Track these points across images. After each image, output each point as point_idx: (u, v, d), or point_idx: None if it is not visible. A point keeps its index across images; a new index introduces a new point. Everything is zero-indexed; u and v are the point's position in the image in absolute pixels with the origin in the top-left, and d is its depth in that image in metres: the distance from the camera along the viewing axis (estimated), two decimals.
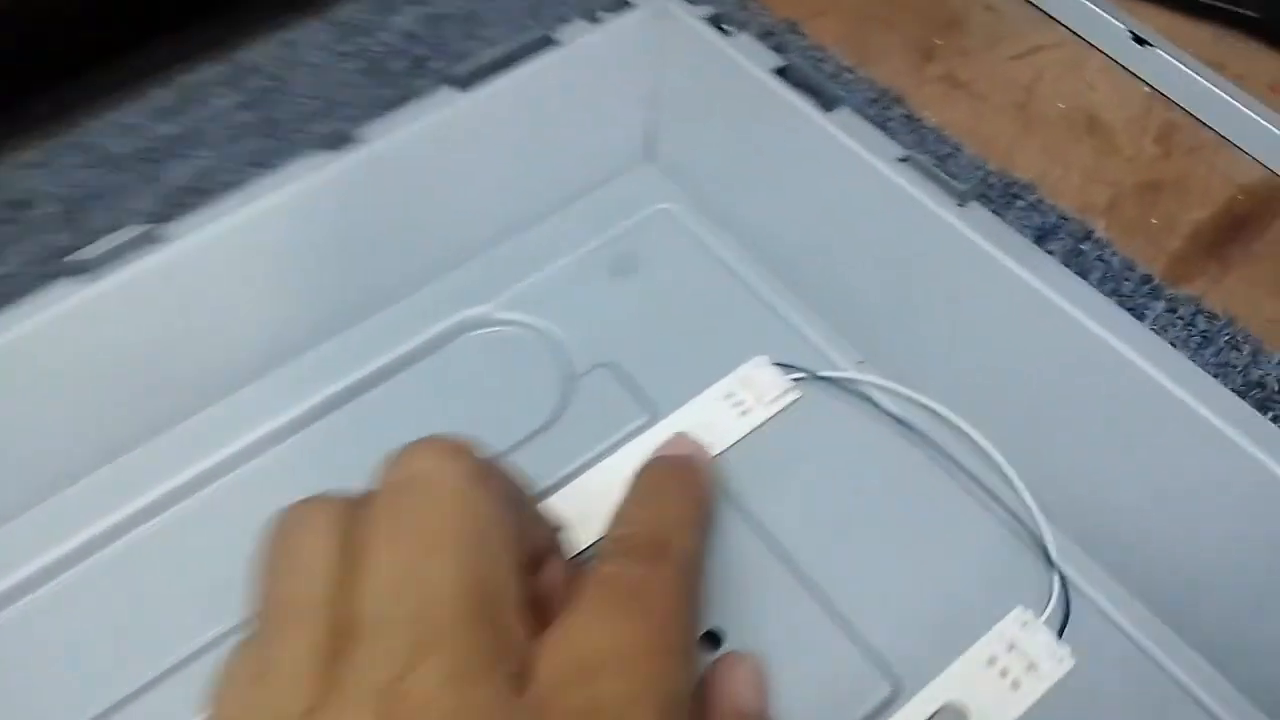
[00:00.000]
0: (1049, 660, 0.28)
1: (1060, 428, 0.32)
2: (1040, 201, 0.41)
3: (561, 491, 0.33)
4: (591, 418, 0.35)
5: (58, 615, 0.31)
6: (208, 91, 0.48)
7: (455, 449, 0.23)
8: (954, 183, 0.34)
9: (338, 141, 0.35)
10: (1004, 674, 0.28)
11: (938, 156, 0.42)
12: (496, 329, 0.38)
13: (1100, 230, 0.39)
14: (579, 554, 0.31)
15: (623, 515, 0.27)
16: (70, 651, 0.30)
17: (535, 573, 0.25)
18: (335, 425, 0.36)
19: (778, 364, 0.35)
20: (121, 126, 0.46)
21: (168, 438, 0.35)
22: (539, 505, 0.27)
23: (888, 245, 0.35)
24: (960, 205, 0.33)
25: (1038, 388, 0.32)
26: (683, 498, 0.29)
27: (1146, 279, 0.37)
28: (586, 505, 0.32)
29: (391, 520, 0.21)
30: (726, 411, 0.35)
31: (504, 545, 0.21)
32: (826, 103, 0.35)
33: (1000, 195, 0.41)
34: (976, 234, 0.33)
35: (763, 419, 0.35)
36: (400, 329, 0.37)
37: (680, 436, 0.33)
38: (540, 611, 0.23)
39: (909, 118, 0.42)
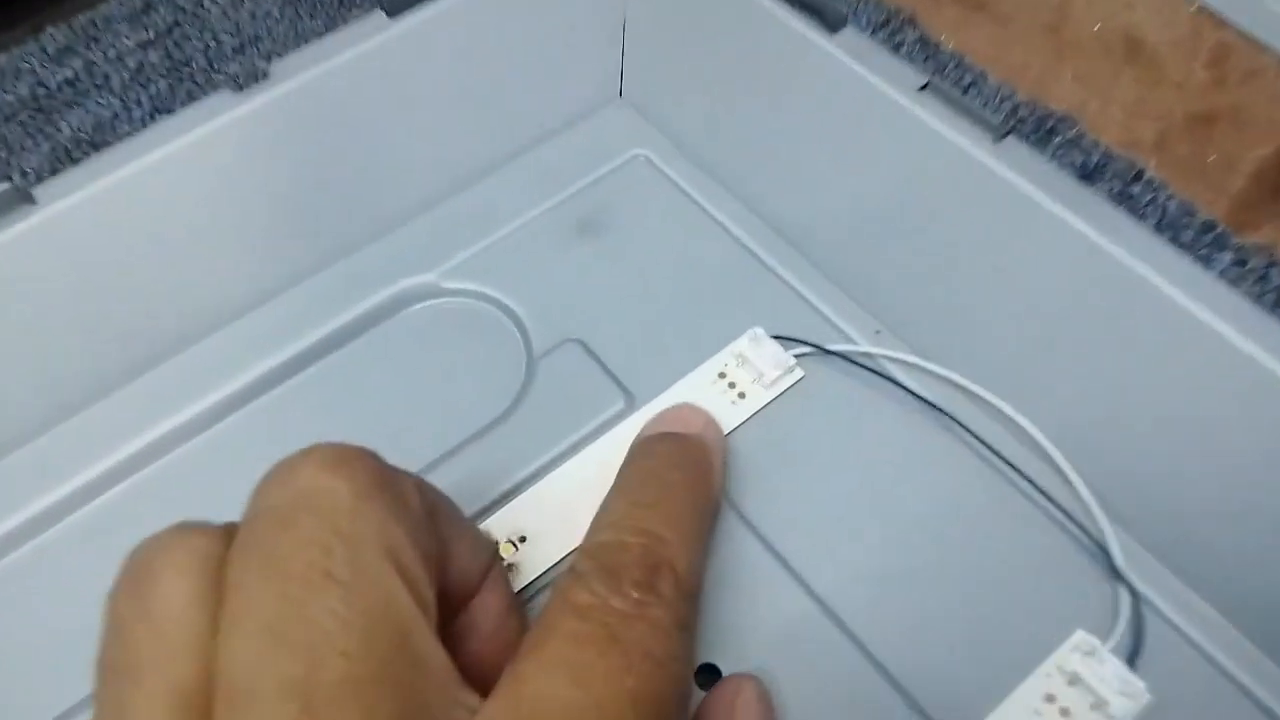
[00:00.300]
0: (1120, 697, 0.23)
1: (1124, 408, 0.26)
2: (1081, 137, 0.35)
3: (521, 496, 0.28)
4: (557, 406, 0.30)
5: None
6: (106, 29, 0.41)
7: (344, 460, 0.19)
8: (986, 115, 0.28)
9: (251, 80, 0.29)
10: (1065, 716, 0.23)
11: (959, 87, 0.36)
12: (444, 301, 0.32)
13: (1151, 169, 0.34)
14: (541, 575, 0.26)
15: (608, 517, 0.23)
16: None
17: (462, 609, 0.21)
18: (250, 420, 0.30)
19: (778, 337, 0.30)
20: (5, 72, 0.40)
21: (58, 432, 0.30)
22: (468, 523, 0.23)
23: (906, 191, 0.29)
24: (996, 142, 0.28)
25: (1095, 360, 0.26)
26: (687, 497, 0.24)
27: (1208, 226, 0.31)
28: (552, 511, 0.27)
29: (266, 554, 0.17)
30: (718, 395, 0.29)
31: (412, 578, 0.18)
32: (830, 23, 0.30)
33: (1033, 131, 0.35)
34: (1016, 175, 0.27)
35: (762, 403, 0.29)
36: (329, 302, 0.32)
37: (687, 408, 0.28)
38: (474, 660, 0.21)
39: (924, 42, 0.36)
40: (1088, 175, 0.32)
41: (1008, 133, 0.28)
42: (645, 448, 0.26)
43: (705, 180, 0.35)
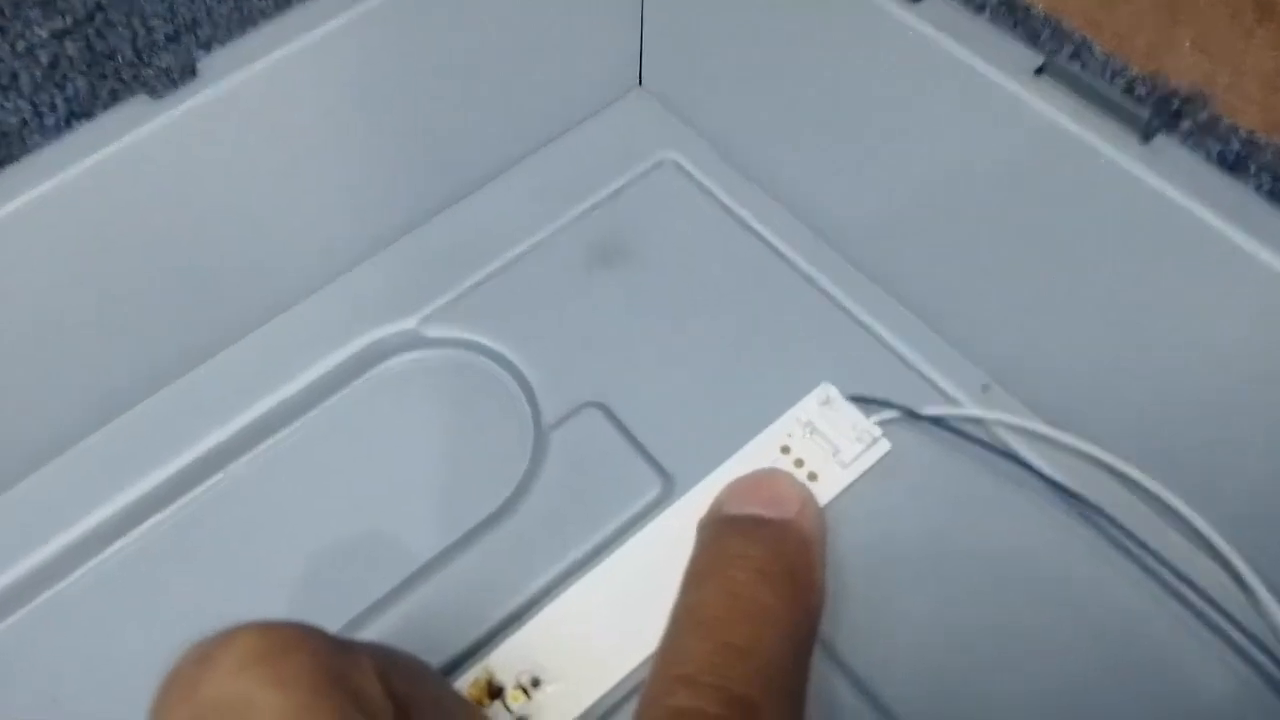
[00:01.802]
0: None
1: None
2: (1215, 121, 0.28)
3: (532, 620, 0.22)
4: (574, 493, 0.24)
5: None
6: (15, 16, 0.36)
7: (274, 654, 0.15)
8: (1129, 105, 0.22)
9: (185, 76, 0.23)
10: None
11: (1077, 62, 0.30)
12: (426, 354, 0.27)
13: None
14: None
15: (681, 665, 0.18)
16: None
17: None
18: (168, 529, 0.24)
19: (856, 398, 0.24)
20: None
21: None
22: (457, 703, 0.19)
23: (1019, 204, 0.23)
24: (1144, 142, 0.22)
25: None
26: (787, 636, 0.19)
27: None
28: (573, 639, 0.22)
29: None
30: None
31: None
32: None
33: (1155, 116, 0.28)
34: (1174, 188, 0.21)
35: (839, 488, 0.23)
36: (284, 358, 0.26)
37: (780, 477, 0.22)
38: None
39: (1008, 5, 0.30)
40: (1227, 169, 0.26)
41: (1157, 130, 0.22)
42: (726, 542, 0.20)
43: (750, 189, 0.28)
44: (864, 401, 0.24)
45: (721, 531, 0.21)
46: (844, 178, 0.26)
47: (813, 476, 0.23)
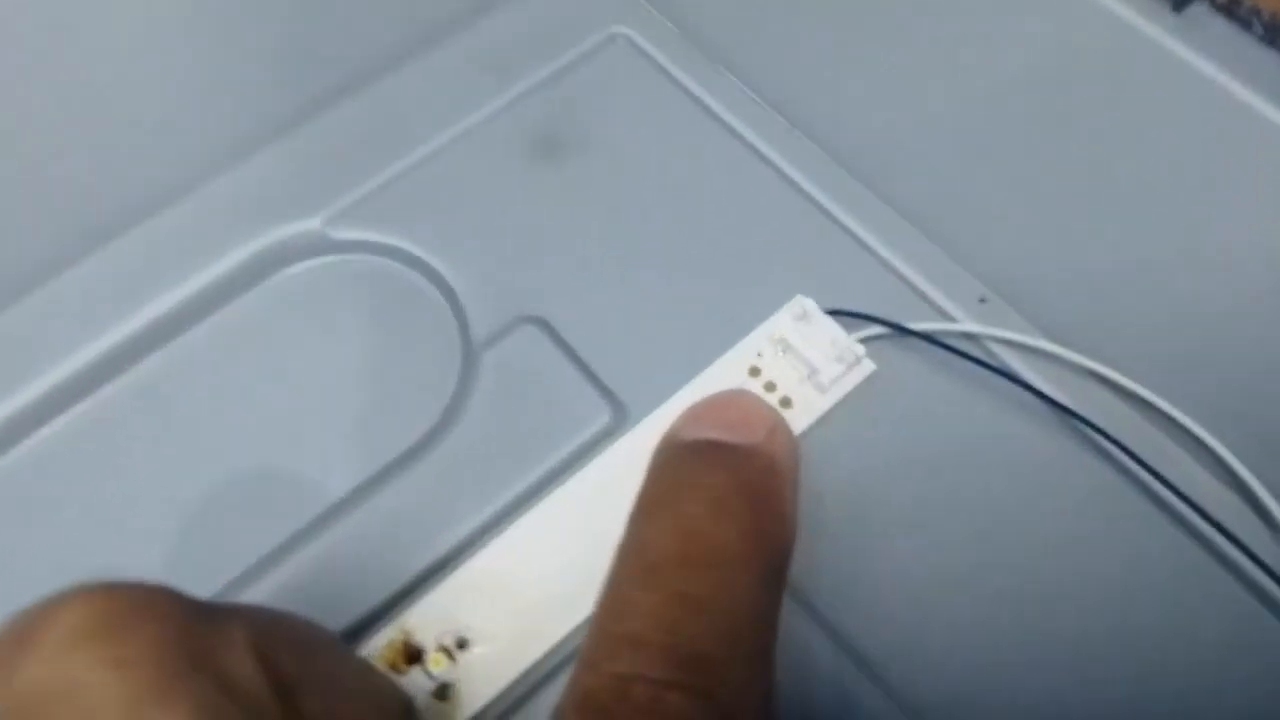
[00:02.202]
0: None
1: None
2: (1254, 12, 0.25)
3: (458, 570, 0.19)
4: (509, 423, 0.21)
5: None
6: None
7: (114, 626, 0.12)
8: None
9: None
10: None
11: None
12: (334, 261, 0.23)
13: None
14: (492, 702, 0.18)
15: (623, 621, 0.15)
16: None
17: None
18: (40, 457, 0.21)
19: (836, 312, 0.21)
20: None
21: None
22: (359, 672, 0.17)
23: (1027, 86, 0.20)
24: (1176, 10, 0.19)
25: None
26: (753, 583, 0.16)
27: None
28: (507, 593, 0.19)
29: None
30: None
31: None
32: None
33: None
34: (1208, 62, 0.18)
35: (816, 414, 0.20)
36: (163, 263, 0.22)
37: (747, 398, 0.19)
38: None
39: None
40: (1268, 43, 0.23)
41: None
42: (680, 469, 0.17)
43: (715, 72, 0.25)
44: (845, 316, 0.21)
45: (675, 458, 0.18)
46: (826, 59, 0.23)
47: (786, 402, 0.20)
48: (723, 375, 0.21)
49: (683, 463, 0.18)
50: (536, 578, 0.19)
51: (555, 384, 0.21)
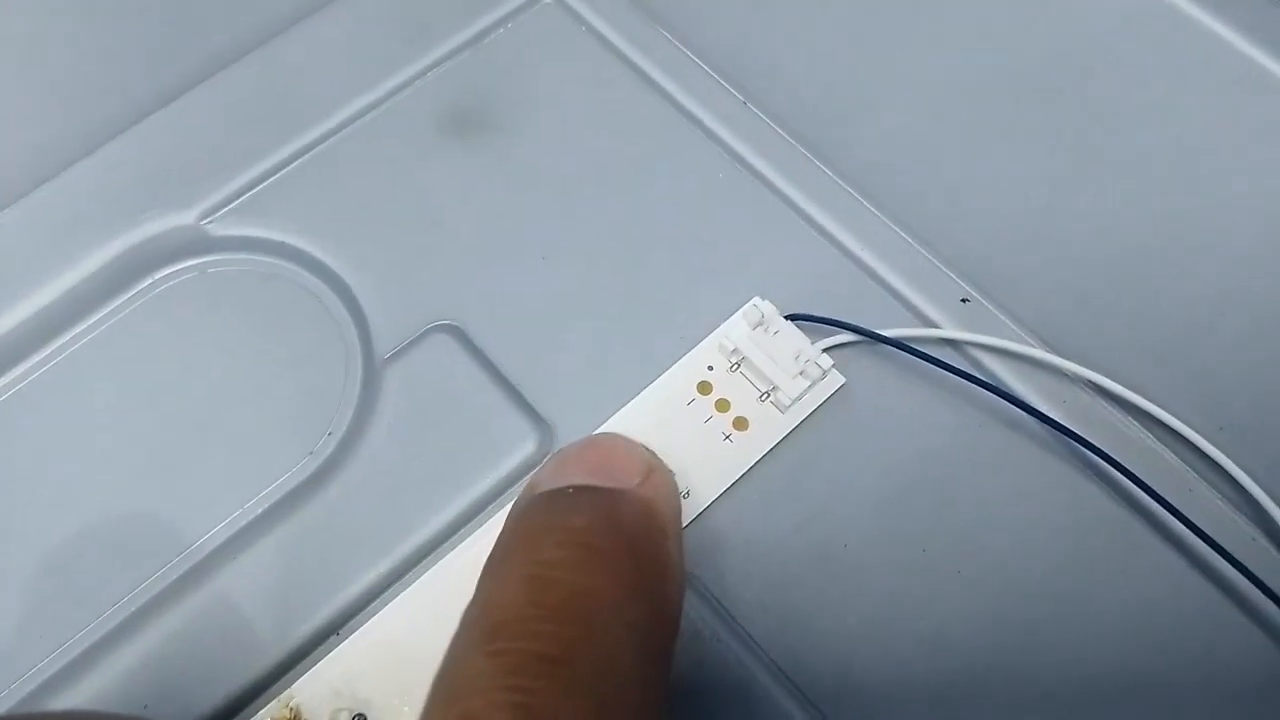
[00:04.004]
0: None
1: None
2: None
3: (360, 631, 0.16)
4: (416, 450, 0.18)
5: None
6: None
7: None
8: None
9: None
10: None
11: None
12: (214, 261, 0.20)
13: None
14: None
15: (451, 675, 0.13)
16: None
17: None
18: None
19: (797, 317, 0.19)
20: None
21: None
22: None
23: (1014, 57, 0.18)
24: None
25: None
26: (615, 597, 0.14)
27: None
28: (413, 655, 0.16)
29: None
30: (700, 425, 0.18)
31: None
32: None
33: None
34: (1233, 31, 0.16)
35: (775, 438, 0.18)
36: (14, 269, 0.19)
37: (616, 440, 0.17)
38: None
39: None
40: None
41: None
42: (539, 516, 0.15)
43: (660, 38, 0.22)
44: (809, 321, 0.19)
45: (531, 505, 0.15)
46: (785, 22, 0.20)
47: (741, 423, 0.18)
48: (668, 392, 0.18)
49: (540, 509, 0.15)
50: (447, 643, 0.16)
51: (470, 403, 0.18)
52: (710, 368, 0.18)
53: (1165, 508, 0.17)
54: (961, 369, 0.18)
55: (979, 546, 0.17)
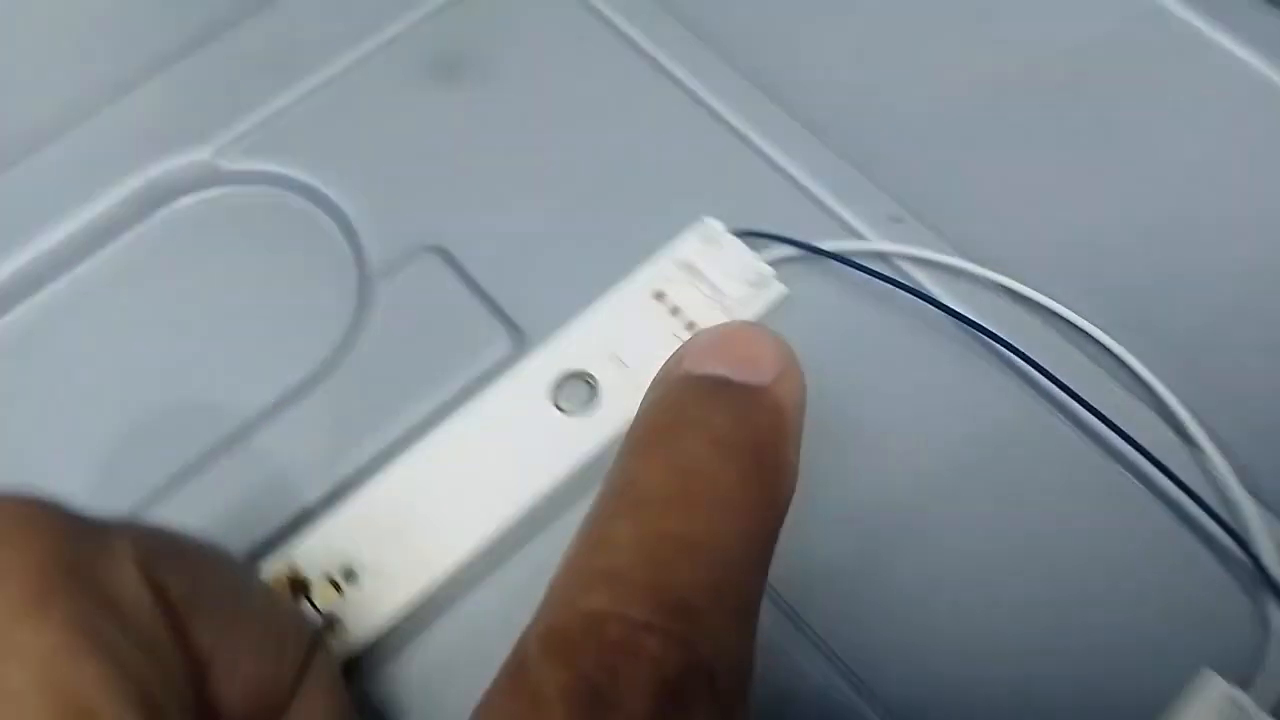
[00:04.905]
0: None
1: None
2: None
3: (348, 501, 0.19)
4: (405, 351, 0.21)
5: None
6: None
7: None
8: None
9: None
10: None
11: None
12: (225, 192, 0.23)
13: None
14: (385, 635, 0.18)
15: (599, 558, 0.15)
16: None
17: None
18: None
19: (744, 233, 0.21)
20: None
21: None
22: (261, 598, 0.16)
23: None
24: None
25: (1236, 261, 0.18)
26: (744, 535, 0.15)
27: None
28: (398, 523, 0.19)
29: None
30: (655, 326, 0.20)
31: None
32: None
33: None
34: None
35: None
36: (52, 196, 0.22)
37: (756, 333, 0.18)
38: None
39: None
40: None
41: None
42: (680, 404, 0.16)
43: None
44: (753, 237, 0.21)
45: (676, 391, 0.17)
46: None
47: (692, 327, 0.20)
48: (626, 299, 0.21)
49: (685, 398, 0.17)
50: (428, 508, 0.19)
51: (453, 313, 0.21)
52: (666, 279, 0.21)
53: (1071, 396, 0.19)
54: (889, 275, 0.20)
55: (902, 435, 0.20)
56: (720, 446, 0.15)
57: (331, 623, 0.18)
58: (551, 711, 0.13)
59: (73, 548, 0.12)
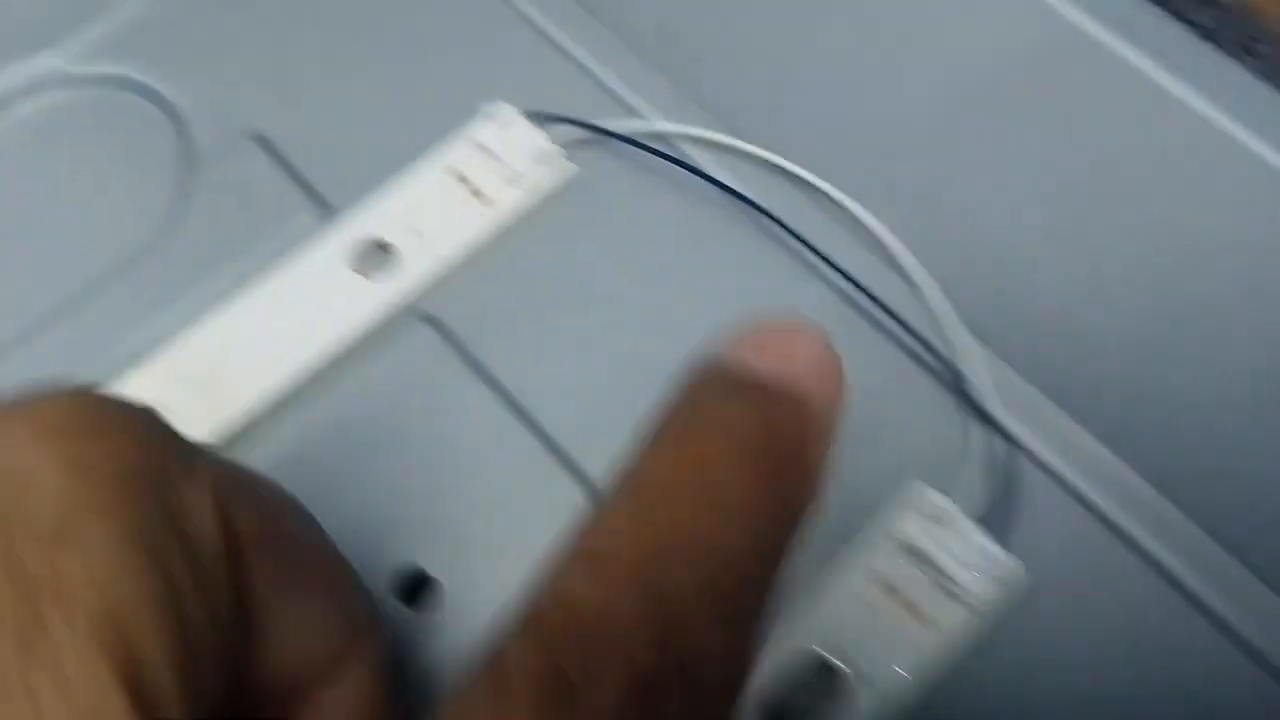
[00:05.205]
0: (979, 575, 0.18)
1: (994, 202, 0.20)
2: None
3: (157, 353, 0.21)
4: (224, 226, 0.22)
5: None
6: None
7: (80, 431, 0.12)
8: None
9: None
10: (910, 609, 0.18)
11: None
12: (65, 96, 0.24)
13: None
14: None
15: (598, 516, 0.14)
16: None
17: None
18: None
19: (534, 114, 0.23)
20: None
21: None
22: (330, 568, 0.15)
23: None
24: None
25: (966, 133, 0.20)
26: (755, 503, 0.14)
27: None
28: (198, 372, 0.21)
29: None
30: (453, 201, 0.22)
31: (145, 682, 0.11)
32: None
33: None
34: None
35: (512, 211, 0.22)
36: None
37: (794, 327, 0.16)
38: None
39: None
40: None
41: None
42: (706, 395, 0.15)
43: None
44: (544, 118, 0.23)
45: (706, 383, 0.16)
46: None
47: (486, 200, 0.22)
48: (423, 177, 0.23)
49: (712, 391, 0.16)
50: (235, 359, 0.21)
51: (268, 189, 0.23)
52: (462, 158, 0.23)
53: (816, 253, 0.22)
54: (670, 154, 0.23)
55: (675, 299, 0.22)
56: (737, 445, 0.15)
57: None
58: (519, 694, 0.12)
59: (158, 461, 0.12)
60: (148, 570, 0.11)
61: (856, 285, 0.21)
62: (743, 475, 0.14)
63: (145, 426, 0.13)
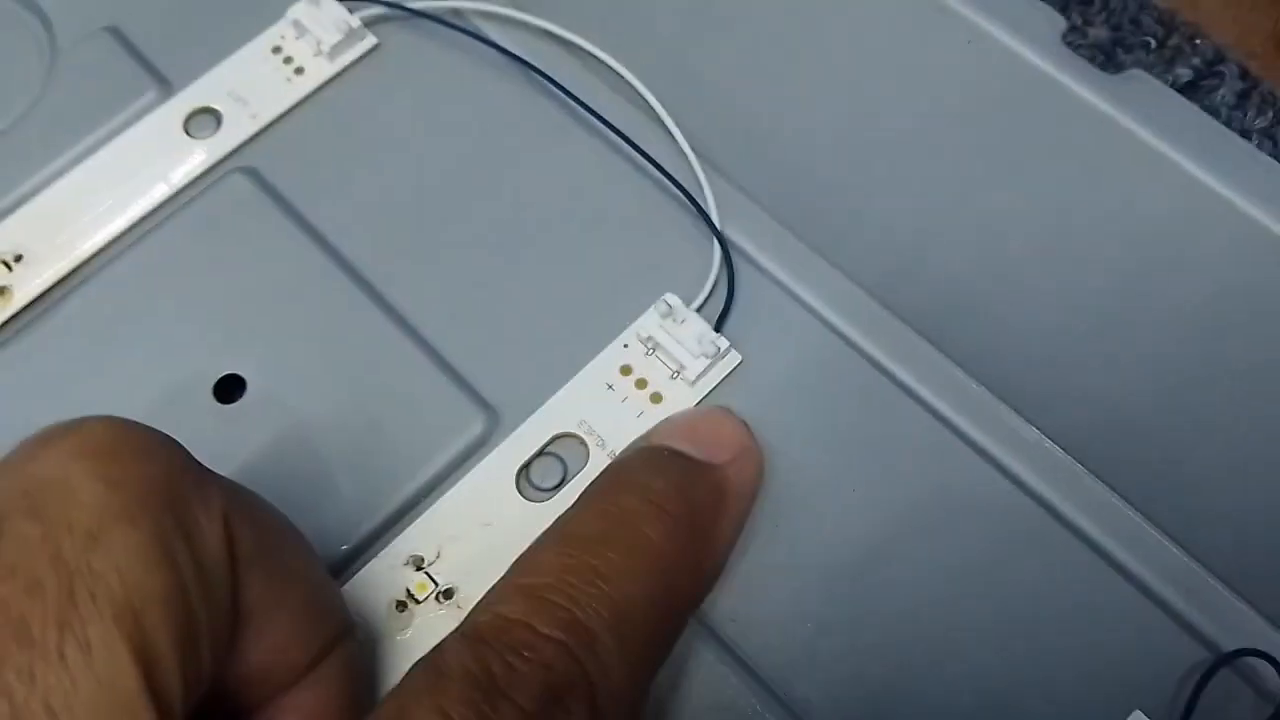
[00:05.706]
0: (701, 362, 0.21)
1: (724, 49, 0.23)
2: None
3: (20, 210, 0.24)
4: (80, 107, 0.26)
5: None
6: None
7: (118, 454, 0.14)
8: None
9: None
10: (646, 390, 0.22)
11: None
12: None
13: None
14: (36, 300, 0.23)
15: (521, 574, 0.17)
16: None
17: (263, 707, 0.16)
18: None
19: None
20: None
21: None
22: (311, 581, 0.17)
23: None
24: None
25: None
26: (662, 580, 0.17)
27: None
28: (55, 224, 0.24)
29: None
30: (271, 73, 0.26)
31: (154, 658, 0.13)
32: None
33: None
34: None
35: (322, 79, 0.26)
36: None
37: (723, 417, 0.21)
38: None
39: None
40: None
41: None
42: (630, 466, 0.19)
43: None
44: None
45: (632, 457, 0.19)
46: None
47: (299, 71, 0.26)
48: (249, 56, 0.26)
49: (637, 463, 0.19)
50: (78, 212, 0.24)
51: (119, 74, 0.26)
52: (282, 36, 0.26)
53: (586, 109, 0.25)
54: (462, 26, 0.26)
55: (469, 172, 0.25)
56: (653, 506, 0.18)
57: (1, 291, 0.24)
58: (450, 684, 0.15)
59: (178, 482, 0.14)
60: (163, 572, 0.13)
61: (618, 133, 0.24)
62: (658, 531, 0.17)
63: (168, 452, 0.15)
